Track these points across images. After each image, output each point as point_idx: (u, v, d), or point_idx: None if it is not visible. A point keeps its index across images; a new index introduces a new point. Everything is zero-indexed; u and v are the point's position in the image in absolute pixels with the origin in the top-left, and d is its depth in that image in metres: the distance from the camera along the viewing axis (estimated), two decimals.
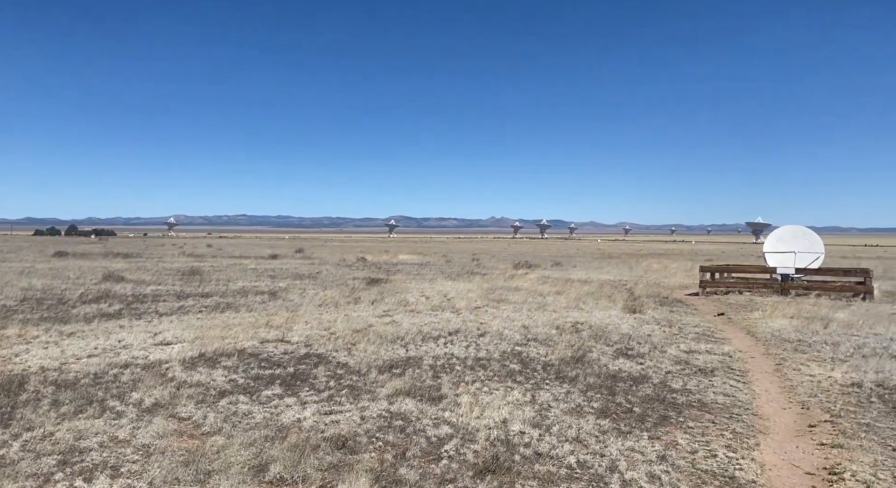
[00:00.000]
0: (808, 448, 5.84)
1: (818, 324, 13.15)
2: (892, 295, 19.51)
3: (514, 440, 5.71)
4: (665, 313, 15.21)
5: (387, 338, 10.75)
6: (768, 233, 23.68)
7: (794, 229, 22.47)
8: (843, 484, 4.87)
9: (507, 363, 9.06)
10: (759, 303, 17.26)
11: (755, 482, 4.95)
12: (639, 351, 10.21)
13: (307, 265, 32.29)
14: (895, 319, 13.84)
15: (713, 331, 12.74)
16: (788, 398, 7.64)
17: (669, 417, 6.63)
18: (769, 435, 6.22)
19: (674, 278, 26.64)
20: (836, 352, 10.27)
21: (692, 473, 5.08)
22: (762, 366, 9.48)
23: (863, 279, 19.46)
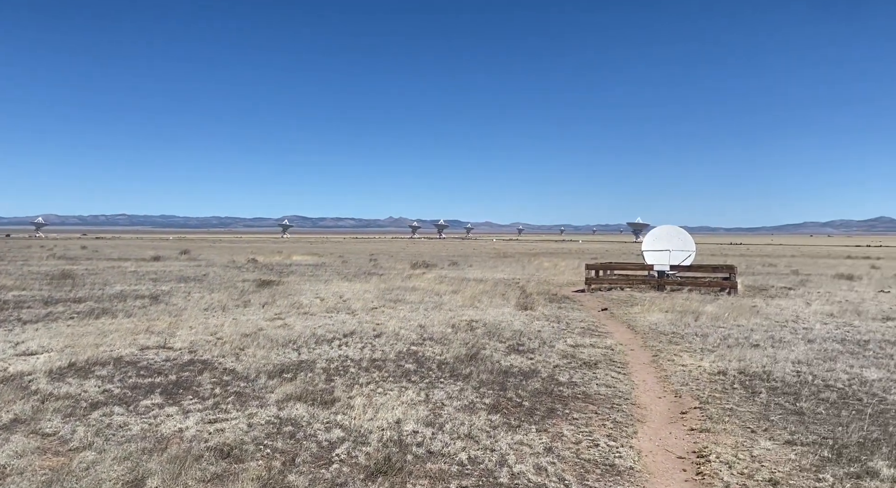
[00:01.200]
0: (680, 433, 6.28)
1: (690, 317, 14.19)
2: (754, 289, 21.42)
3: (407, 440, 5.72)
4: (554, 309, 15.82)
5: (278, 342, 10.43)
6: (646, 233, 25.28)
7: (668, 229, 24.14)
8: (709, 465, 5.28)
9: (402, 363, 9.06)
10: (639, 298, 18.36)
11: (633, 468, 5.26)
12: (529, 346, 10.55)
13: (193, 267, 30.70)
14: (756, 312, 15.20)
15: (597, 326, 13.41)
16: (663, 387, 8.18)
17: (556, 410, 6.90)
18: (646, 423, 6.64)
19: (563, 276, 27.79)
20: (705, 342, 11.12)
21: (576, 463, 5.32)
22: (640, 358, 10.09)
23: (728, 275, 21.24)
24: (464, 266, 35.06)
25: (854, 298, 18.08)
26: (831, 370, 8.77)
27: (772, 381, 8.20)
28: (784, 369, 8.85)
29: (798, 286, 22.36)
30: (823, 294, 19.49)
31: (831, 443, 5.72)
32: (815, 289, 21.05)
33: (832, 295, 19.16)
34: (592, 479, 4.99)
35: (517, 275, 27.80)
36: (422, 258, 42.01)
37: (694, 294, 19.39)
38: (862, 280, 24.93)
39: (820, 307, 16.00)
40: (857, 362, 9.30)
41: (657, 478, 5.13)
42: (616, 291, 21.15)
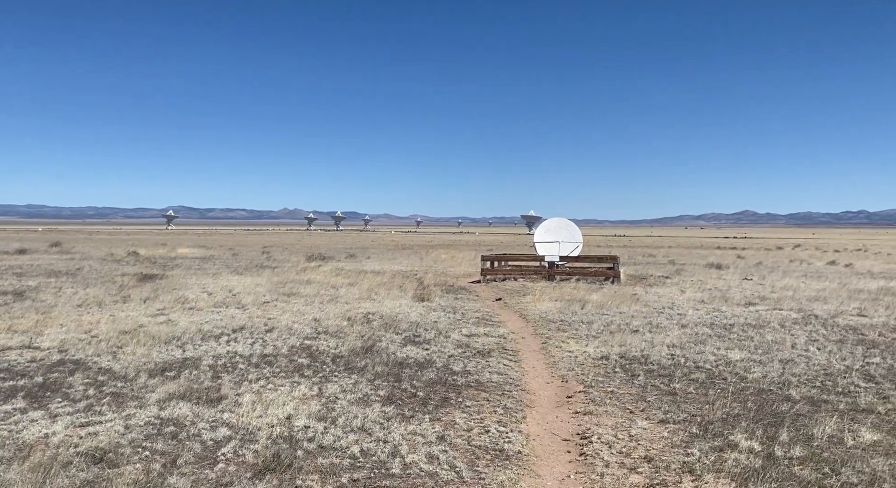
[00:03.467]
0: (566, 417, 6.58)
1: (577, 306, 14.88)
2: (635, 278, 22.79)
3: (298, 435, 5.59)
4: (451, 300, 16.05)
5: (160, 339, 9.85)
6: (538, 225, 26.20)
7: (558, 221, 25.15)
8: (592, 446, 5.57)
9: (295, 358, 8.84)
10: (531, 288, 19.02)
11: (521, 452, 5.44)
12: (425, 337, 10.63)
13: (65, 261, 28.32)
14: (636, 299, 16.18)
15: (491, 316, 13.75)
16: (551, 373, 8.52)
17: (450, 399, 7.00)
18: (534, 408, 6.89)
19: (460, 267, 28.24)
20: (590, 329, 11.70)
21: (467, 450, 5.43)
22: (531, 346, 10.45)
23: (612, 265, 22.47)
24: (361, 258, 34.75)
25: (722, 286, 19.70)
26: (701, 352, 9.50)
27: (649, 364, 8.76)
28: (660, 353, 9.48)
29: (674, 275, 24.03)
30: (696, 282, 21.08)
31: (699, 420, 6.20)
32: (688, 278, 22.71)
33: (703, 283, 20.76)
34: (482, 465, 5.11)
35: (415, 267, 27.93)
36: (318, 250, 41.20)
37: (581, 283, 20.34)
38: (729, 269, 27.21)
39: (693, 294, 17.29)
40: (724, 344, 10.13)
41: (543, 461, 5.34)
42: (510, 281, 21.78)
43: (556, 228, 24.88)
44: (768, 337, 10.74)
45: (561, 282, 21.19)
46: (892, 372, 8.23)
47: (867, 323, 12.30)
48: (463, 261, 31.96)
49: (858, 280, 21.70)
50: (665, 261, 34.12)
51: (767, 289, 18.76)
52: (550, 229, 24.87)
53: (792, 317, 13.04)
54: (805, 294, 17.24)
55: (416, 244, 61.15)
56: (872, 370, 8.33)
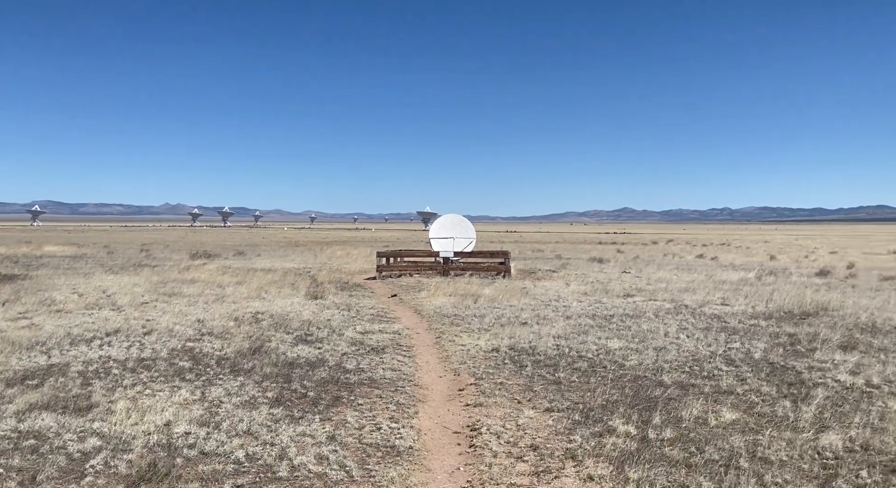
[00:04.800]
0: (457, 409, 6.69)
1: (470, 300, 15.17)
2: (525, 272, 23.58)
3: (177, 443, 5.30)
4: (345, 297, 15.84)
5: (21, 345, 9.00)
6: (434, 222, 26.47)
7: (453, 217, 25.53)
8: (481, 437, 5.70)
9: (175, 361, 8.37)
10: (426, 283, 19.16)
11: (412, 447, 5.47)
12: (318, 335, 10.42)
13: None
14: (525, 293, 16.75)
15: (386, 312, 13.72)
16: (444, 367, 8.64)
17: (342, 397, 6.91)
18: (427, 402, 6.95)
19: (355, 264, 27.94)
20: (482, 323, 11.97)
21: (358, 448, 5.38)
22: (425, 341, 10.54)
23: (503, 260, 23.12)
24: (251, 255, 33.51)
25: (604, 278, 20.81)
26: (584, 342, 9.98)
27: (536, 355, 9.10)
28: (546, 344, 9.86)
29: (560, 269, 25.11)
30: (580, 275, 22.12)
31: (581, 407, 6.52)
32: (573, 272, 23.80)
33: (587, 276, 21.84)
34: (373, 462, 5.09)
35: (309, 264, 27.33)
36: (203, 248, 39.26)
37: (475, 278, 20.76)
38: (610, 262, 28.81)
39: (577, 287, 18.14)
40: (604, 334, 10.71)
41: (434, 455, 5.40)
42: (405, 278, 21.83)
43: (450, 225, 25.22)
44: (644, 326, 11.48)
45: (455, 277, 21.51)
46: (749, 356, 9.05)
47: (729, 311, 13.45)
48: (359, 258, 31.65)
49: (722, 272, 23.69)
50: (552, 255, 35.55)
51: (644, 281, 20.04)
52: (445, 225, 25.19)
53: (665, 307, 14.00)
54: (677, 285, 18.58)
55: (309, 241, 59.81)
56: (733, 355, 9.12)
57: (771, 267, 26.55)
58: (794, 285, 18.38)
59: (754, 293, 16.29)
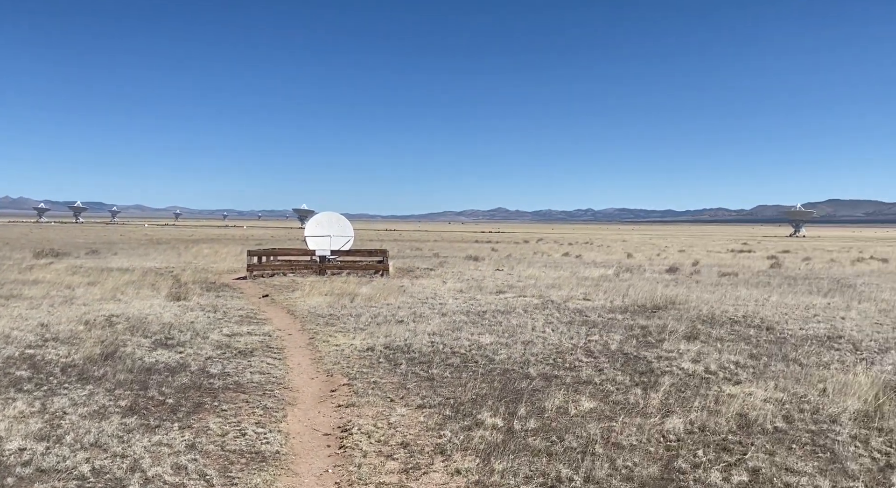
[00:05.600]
0: (328, 411, 6.58)
1: (346, 299, 14.99)
2: (403, 271, 23.68)
3: (9, 460, 4.77)
4: (212, 298, 15.05)
5: None
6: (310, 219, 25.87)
7: (330, 215, 25.10)
8: (352, 438, 5.65)
9: (11, 370, 7.53)
10: (300, 283, 18.69)
11: (279, 452, 5.30)
12: (180, 339, 9.81)
13: None
14: (403, 291, 16.82)
15: (256, 313, 13.20)
16: (317, 368, 8.46)
17: (204, 403, 6.55)
18: (297, 405, 6.77)
19: (224, 263, 26.64)
20: (358, 322, 11.87)
21: (220, 456, 5.13)
22: (298, 342, 10.27)
23: (382, 258, 23.07)
24: (107, 254, 30.92)
25: (478, 276, 21.40)
26: (457, 338, 10.19)
27: (411, 353, 9.16)
28: (422, 341, 9.97)
29: (438, 267, 25.49)
30: (456, 273, 22.59)
31: (452, 403, 6.65)
32: (450, 269, 24.26)
33: (463, 274, 22.34)
34: (236, 470, 4.87)
35: (172, 264, 25.68)
36: (50, 245, 35.63)
37: (352, 277, 20.54)
38: (484, 260, 29.66)
39: (453, 284, 18.50)
40: (477, 330, 11.01)
41: (302, 458, 5.28)
42: (279, 277, 21.14)
43: (327, 222, 24.78)
44: (514, 321, 11.93)
45: (332, 276, 21.16)
46: (607, 347, 9.68)
47: (590, 306, 14.32)
48: (228, 257, 30.21)
49: (585, 269, 25.19)
50: (430, 254, 36.02)
51: (515, 278, 20.84)
52: (322, 223, 24.70)
53: (533, 303, 14.65)
54: (544, 282, 19.50)
55: (174, 238, 56.22)
56: (592, 346, 9.72)
57: (628, 264, 28.58)
58: (648, 281, 19.93)
59: (613, 288, 17.46)
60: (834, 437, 5.63)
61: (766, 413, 6.26)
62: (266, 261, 23.86)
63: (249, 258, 22.38)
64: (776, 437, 5.66)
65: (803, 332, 11.05)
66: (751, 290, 17.45)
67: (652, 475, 4.83)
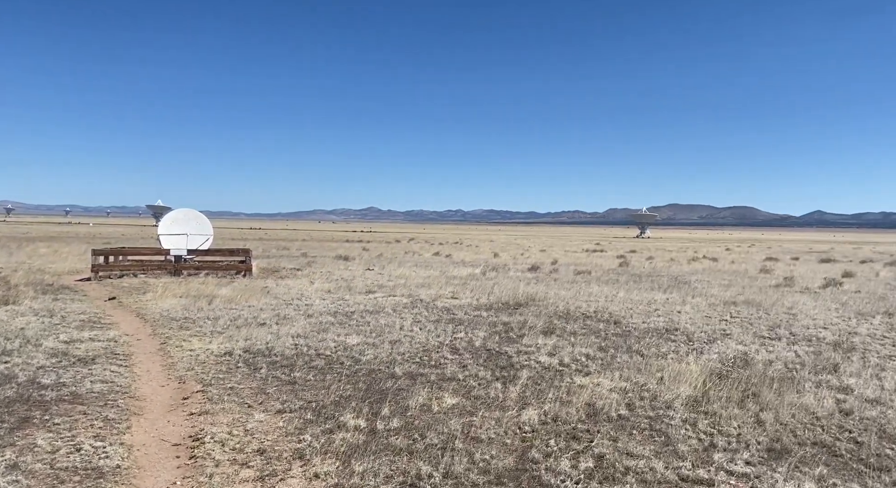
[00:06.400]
0: (179, 420, 6.16)
1: (204, 301, 14.18)
2: (268, 271, 22.83)
3: None
4: (47, 302, 13.59)
5: None
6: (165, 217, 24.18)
7: (186, 212, 23.62)
8: (203, 447, 5.33)
9: None
10: (153, 284, 17.41)
11: (119, 467, 4.88)
12: (6, 348, 8.75)
13: None
14: (267, 292, 16.22)
15: (101, 317, 12.11)
16: (168, 375, 7.91)
17: (33, 418, 5.89)
18: (143, 415, 6.28)
19: (65, 263, 24.17)
20: (215, 325, 11.26)
21: (49, 474, 4.63)
22: (147, 347, 9.54)
23: (244, 258, 22.10)
24: None
25: (348, 276, 21.15)
26: (323, 340, 9.99)
27: (273, 356, 8.85)
28: (285, 343, 9.66)
29: (305, 267, 24.87)
30: (325, 273, 22.18)
31: (314, 406, 6.50)
32: (319, 269, 23.77)
33: (332, 274, 21.97)
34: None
35: (0, 264, 22.87)
36: None
37: (211, 278, 19.48)
38: (355, 260, 29.40)
39: (321, 285, 18.14)
40: (344, 331, 10.86)
41: (147, 472, 4.90)
42: (129, 278, 19.58)
43: (184, 220, 23.30)
44: (382, 321, 11.92)
45: (189, 277, 19.94)
46: (471, 344, 9.95)
47: (458, 304, 14.66)
48: (70, 257, 27.45)
49: (454, 268, 25.77)
50: (298, 253, 35.06)
51: (385, 277, 20.84)
52: (178, 221, 23.19)
53: (403, 302, 14.73)
54: (415, 281, 19.69)
55: (3, 236, 50.17)
56: (458, 344, 9.94)
57: (494, 263, 29.63)
58: (511, 279, 20.77)
59: (479, 287, 18.00)
60: (668, 422, 6.18)
61: (611, 401, 6.74)
62: (114, 261, 21.99)
63: (95, 258, 20.48)
64: (619, 424, 6.11)
65: (645, 326, 12.04)
66: (602, 287, 18.74)
67: (507, 466, 5.03)
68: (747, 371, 8.27)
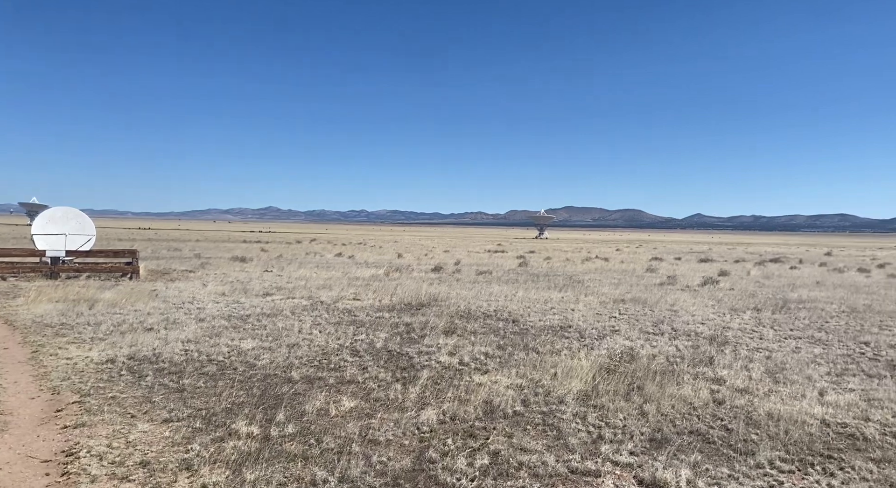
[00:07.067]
0: (51, 434, 5.69)
1: (84, 306, 13.20)
2: (157, 273, 21.59)
3: None
4: None
5: None
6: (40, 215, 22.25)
7: (65, 210, 21.88)
8: (78, 462, 4.95)
9: None
10: (25, 288, 16.00)
11: None
12: None
13: None
14: (155, 295, 15.33)
15: None
16: (40, 386, 7.29)
17: None
18: (8, 430, 5.74)
19: None
20: (97, 331, 10.51)
21: None
22: (16, 356, 8.76)
23: (131, 260, 20.77)
24: None
25: (244, 278, 20.39)
26: (216, 345, 9.58)
27: (160, 363, 8.37)
28: (174, 349, 9.17)
29: (199, 269, 23.74)
30: (220, 275, 21.27)
31: (204, 414, 6.21)
32: (213, 271, 22.76)
33: (227, 276, 21.10)
34: None
35: None
36: None
37: (93, 280, 18.19)
38: (253, 261, 28.40)
39: (215, 287, 17.37)
40: (239, 335, 10.46)
41: None
42: None
43: (62, 219, 21.57)
44: (280, 324, 11.59)
45: (68, 279, 18.50)
46: (372, 346, 9.88)
47: (360, 305, 14.52)
48: None
49: (357, 269, 25.51)
50: (191, 254, 33.41)
51: (285, 279, 20.28)
52: (55, 219, 21.44)
53: (302, 305, 14.39)
54: (315, 283, 19.30)
55: None
56: (358, 346, 9.84)
57: (398, 264, 29.60)
58: (415, 280, 20.84)
59: (382, 288, 17.93)
60: (560, 416, 6.42)
61: (507, 398, 6.92)
62: None
63: None
64: (515, 420, 6.28)
65: (542, 323, 12.47)
66: (502, 287, 19.21)
67: (405, 467, 5.03)
68: (633, 365, 8.76)
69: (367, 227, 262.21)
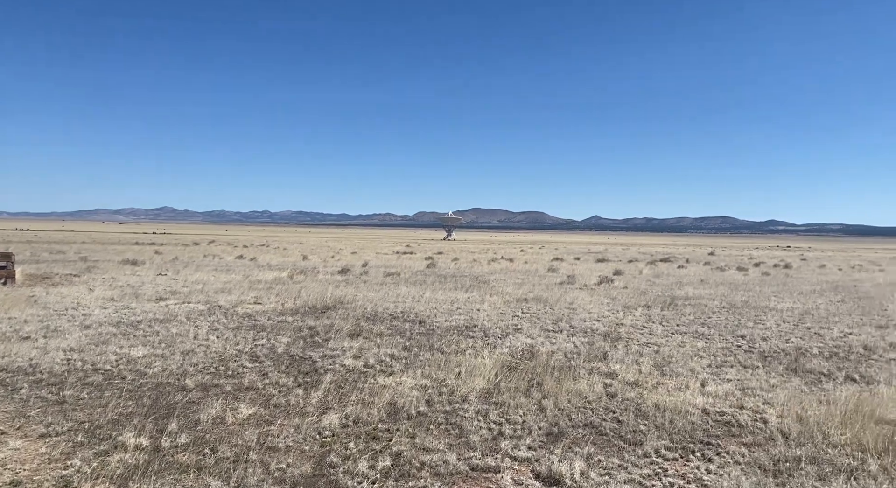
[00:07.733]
0: None
1: None
2: (36, 277, 19.93)
3: None
4: None
5: None
6: None
7: None
8: None
9: None
10: None
11: None
12: None
13: None
14: (34, 301, 14.16)
15: None
16: None
17: None
18: None
19: None
20: None
21: None
22: None
23: (5, 263, 19.04)
24: None
25: (136, 282, 19.23)
26: (102, 353, 8.99)
27: (38, 374, 7.75)
28: (54, 359, 8.52)
29: (85, 272, 22.15)
30: (108, 279, 19.94)
31: (87, 426, 5.81)
32: (101, 275, 21.31)
33: (116, 280, 19.82)
34: None
35: None
36: None
37: None
38: (145, 264, 26.84)
39: (102, 292, 16.28)
40: (128, 342, 9.86)
41: None
42: None
43: None
44: (174, 330, 11.03)
45: None
46: (273, 351, 9.61)
47: (261, 309, 14.08)
48: None
49: (259, 272, 24.71)
50: (77, 257, 31.10)
51: (180, 283, 19.32)
52: None
53: (199, 309, 13.77)
54: (214, 286, 18.51)
55: None
56: (258, 351, 9.54)
57: (303, 266, 28.96)
58: (320, 283, 20.47)
59: (286, 291, 17.48)
60: (463, 415, 6.53)
61: (412, 399, 6.95)
62: None
63: None
64: (418, 421, 6.32)
65: (448, 324, 12.62)
66: (409, 288, 19.26)
67: (304, 473, 4.94)
68: (533, 362, 9.05)
69: (270, 229, 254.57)
